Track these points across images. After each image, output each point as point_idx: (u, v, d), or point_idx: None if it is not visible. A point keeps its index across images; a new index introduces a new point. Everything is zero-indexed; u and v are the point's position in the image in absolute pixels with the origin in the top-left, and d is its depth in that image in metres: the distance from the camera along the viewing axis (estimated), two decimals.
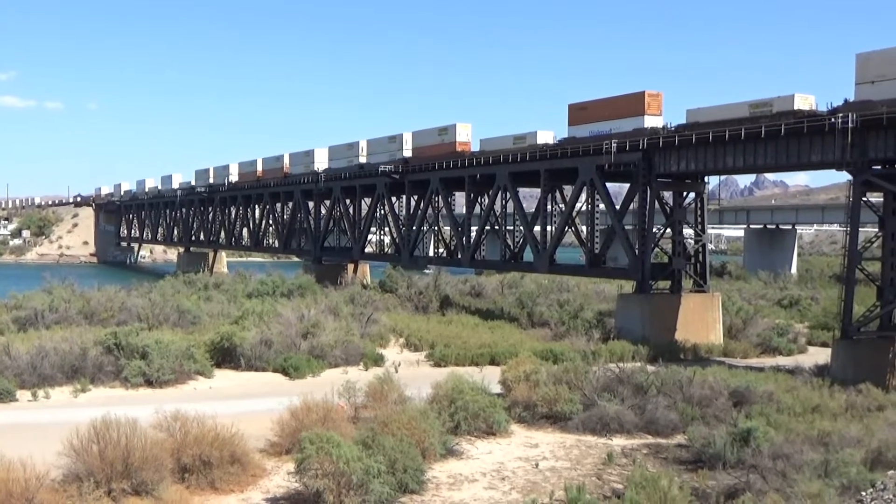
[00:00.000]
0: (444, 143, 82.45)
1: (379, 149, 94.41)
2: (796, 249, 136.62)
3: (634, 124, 61.36)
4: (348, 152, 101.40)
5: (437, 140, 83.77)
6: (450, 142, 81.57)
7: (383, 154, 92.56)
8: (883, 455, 25.96)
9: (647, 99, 61.31)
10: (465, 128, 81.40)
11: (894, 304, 48.48)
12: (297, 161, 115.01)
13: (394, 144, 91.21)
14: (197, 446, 25.66)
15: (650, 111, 61.25)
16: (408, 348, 54.59)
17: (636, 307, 59.94)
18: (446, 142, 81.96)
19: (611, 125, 63.36)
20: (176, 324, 54.28)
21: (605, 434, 33.16)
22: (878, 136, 46.94)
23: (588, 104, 66.84)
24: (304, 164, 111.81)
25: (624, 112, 62.51)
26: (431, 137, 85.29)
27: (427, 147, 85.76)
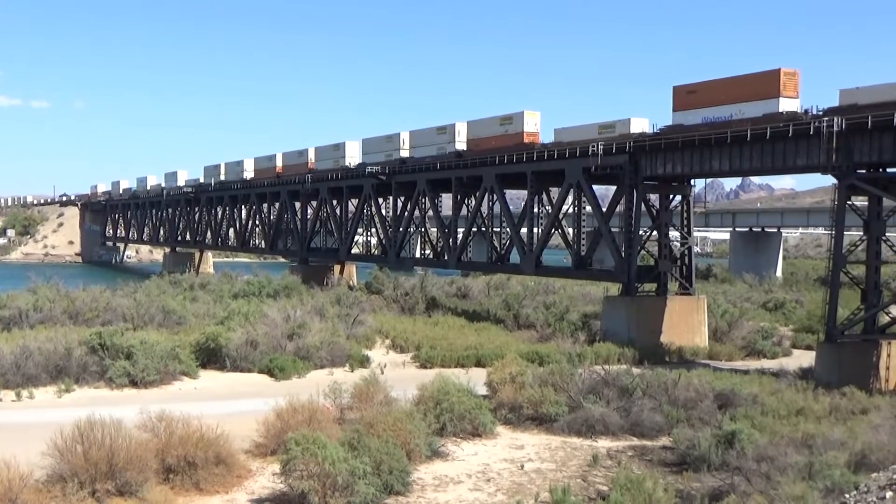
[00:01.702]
0: (507, 135, 73.38)
1: (424, 141, 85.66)
2: (781, 252, 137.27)
3: (765, 108, 52.79)
4: (387, 145, 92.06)
5: (499, 130, 74.59)
6: (515, 132, 72.56)
7: (429, 147, 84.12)
8: (867, 458, 26.06)
9: (782, 78, 52.26)
10: (533, 116, 72.30)
11: (878, 307, 48.79)
12: (325, 155, 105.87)
13: (443, 136, 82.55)
14: (182, 447, 25.59)
15: (786, 93, 52.28)
16: (394, 350, 54.56)
17: (622, 309, 60.07)
18: (510, 132, 73.02)
19: (732, 110, 54.96)
20: (161, 324, 54.11)
21: (591, 436, 33.23)
22: (864, 141, 47.19)
23: (699, 86, 58.25)
24: (334, 159, 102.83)
25: (751, 94, 53.85)
26: (491, 128, 76.11)
27: (486, 139, 76.43)
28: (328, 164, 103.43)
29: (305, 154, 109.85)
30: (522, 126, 71.87)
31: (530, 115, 72.36)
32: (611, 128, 64.03)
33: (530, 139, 71.55)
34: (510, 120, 73.64)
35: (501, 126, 74.42)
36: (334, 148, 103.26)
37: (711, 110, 56.58)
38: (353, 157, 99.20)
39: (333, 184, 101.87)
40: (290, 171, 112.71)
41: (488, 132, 76.12)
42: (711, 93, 56.92)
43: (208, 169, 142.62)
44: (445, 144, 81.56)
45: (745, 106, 54.15)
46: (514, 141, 72.25)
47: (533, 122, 71.92)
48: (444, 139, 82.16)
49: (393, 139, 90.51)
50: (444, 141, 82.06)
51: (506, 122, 74.06)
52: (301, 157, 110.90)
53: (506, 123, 73.97)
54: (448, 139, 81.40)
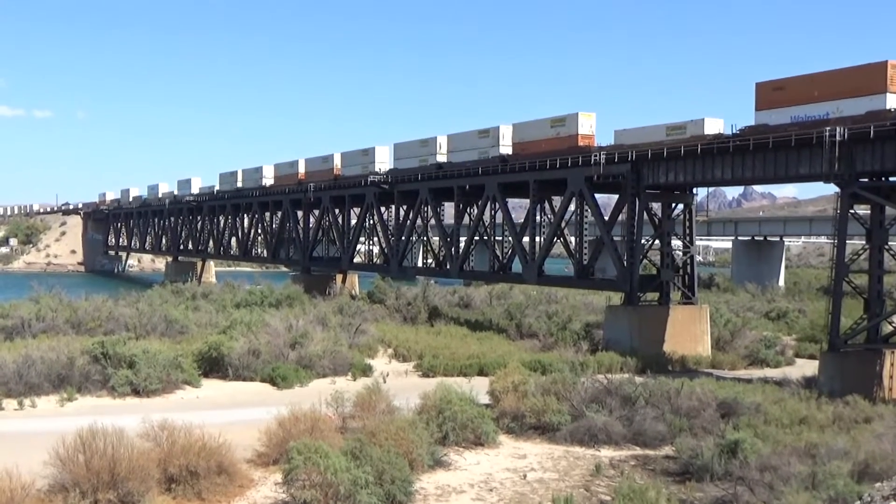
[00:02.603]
0: (558, 137, 67.92)
1: (464, 144, 79.90)
2: (784, 261, 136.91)
3: (870, 105, 47.64)
4: (421, 150, 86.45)
5: (550, 133, 68.93)
6: (568, 135, 67.05)
7: (471, 151, 78.55)
8: (870, 467, 26.02)
9: (889, 72, 47.07)
10: (588, 118, 66.97)
11: (881, 316, 48.72)
12: (353, 161, 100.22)
13: (486, 140, 76.98)
14: (184, 456, 25.56)
15: (894, 88, 47.22)
16: (396, 359, 54.53)
17: (624, 319, 60.01)
18: (562, 135, 67.52)
19: (828, 107, 49.90)
20: (164, 333, 54.15)
21: (593, 445, 33.17)
22: (866, 150, 47.18)
23: (787, 82, 52.65)
24: (362, 165, 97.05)
25: (852, 89, 48.70)
26: (541, 130, 70.35)
27: (534, 142, 70.85)
28: (356, 170, 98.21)
29: (331, 160, 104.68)
30: (577, 128, 66.63)
31: (585, 116, 67.21)
32: (680, 129, 59.11)
33: (585, 142, 66.31)
34: (562, 122, 68.37)
35: (552, 128, 69.08)
36: (363, 153, 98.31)
37: (803, 108, 51.33)
38: (384, 162, 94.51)
39: (335, 192, 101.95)
40: (314, 177, 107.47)
41: (537, 135, 70.78)
42: (803, 89, 51.44)
43: (224, 176, 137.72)
44: (488, 148, 76.37)
45: (844, 103, 49.15)
46: (567, 144, 67.08)
47: (588, 124, 66.79)
48: (486, 143, 76.95)
49: (429, 143, 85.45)
50: (486, 145, 76.86)
51: (557, 124, 68.76)
52: (326, 163, 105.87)
53: (557, 125, 68.70)
54: (491, 143, 76.19)
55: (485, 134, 77.47)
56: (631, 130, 63.61)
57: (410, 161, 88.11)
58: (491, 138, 76.06)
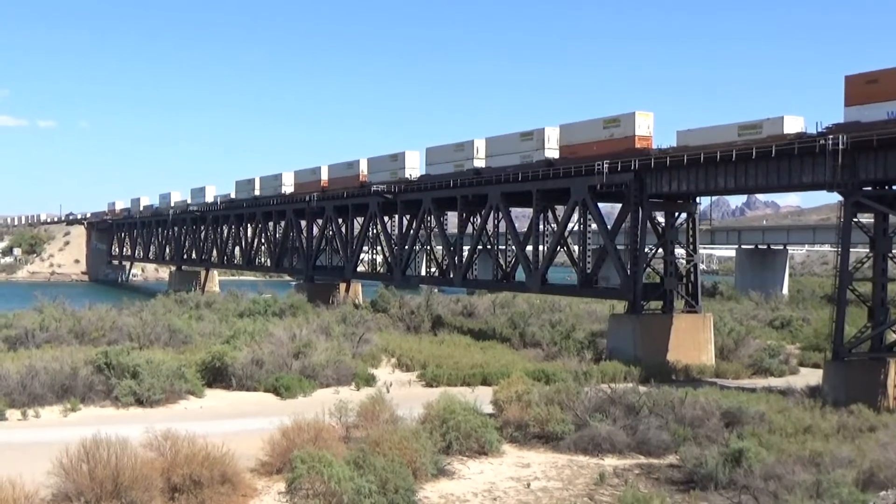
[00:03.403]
0: (612, 139, 63.46)
1: (504, 148, 75.33)
2: (787, 270, 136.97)
3: None
4: (456, 154, 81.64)
5: (602, 135, 64.46)
6: (623, 136, 62.51)
7: (511, 155, 73.80)
8: (875, 476, 25.98)
9: None
10: (645, 118, 62.26)
11: (885, 325, 48.64)
12: (380, 167, 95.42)
13: (529, 142, 72.12)
14: (187, 466, 25.53)
15: None
16: (399, 368, 54.51)
17: (628, 327, 59.95)
18: (617, 136, 63.05)
19: None
20: (167, 343, 54.21)
21: (597, 454, 33.09)
22: (869, 158, 47.15)
23: (882, 74, 47.32)
24: (390, 171, 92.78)
25: None
26: (592, 131, 65.72)
27: (584, 144, 66.09)
28: (383, 176, 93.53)
29: (356, 166, 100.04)
30: (633, 129, 61.93)
31: (643, 116, 62.45)
32: (756, 128, 54.44)
33: (643, 144, 61.75)
34: (617, 122, 63.79)
35: (606, 129, 64.43)
36: (391, 158, 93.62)
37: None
38: (414, 168, 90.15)
39: (339, 202, 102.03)
40: (338, 184, 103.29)
41: (588, 137, 66.04)
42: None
43: (240, 184, 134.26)
44: (532, 152, 71.38)
45: None
46: (623, 146, 62.34)
47: (646, 125, 62.30)
48: (529, 146, 71.87)
49: (465, 147, 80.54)
50: (530, 148, 71.82)
51: (611, 125, 64.14)
52: (350, 170, 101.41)
53: (611, 126, 64.06)
54: (535, 146, 71.15)
55: (528, 136, 72.75)
56: (696, 131, 59.06)
57: (444, 166, 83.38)
58: (535, 141, 71.33)
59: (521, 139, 73.54)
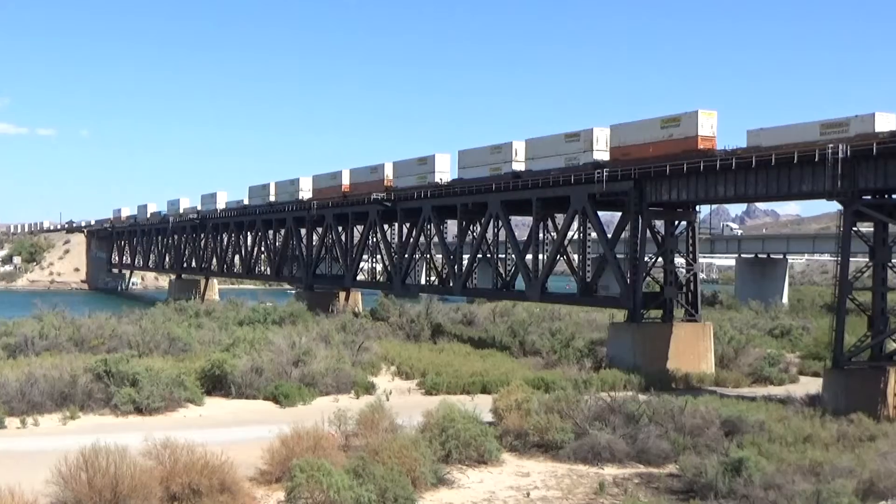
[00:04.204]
0: (672, 140, 59.23)
1: (546, 150, 70.64)
2: (787, 279, 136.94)
3: None
4: (493, 157, 77.16)
5: (660, 135, 60.12)
6: (684, 137, 58.29)
7: (555, 158, 69.01)
8: (875, 485, 25.96)
9: None
10: (709, 117, 58.05)
11: (885, 334, 48.61)
12: (407, 170, 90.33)
13: (575, 144, 67.40)
14: (186, 474, 25.50)
15: None
16: (399, 376, 54.46)
17: (628, 336, 59.92)
18: (677, 137, 58.86)
19: None
20: (167, 351, 54.15)
21: (597, 463, 33.07)
22: (869, 167, 47.22)
23: None
24: (418, 175, 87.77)
25: None
26: (648, 132, 61.32)
27: (640, 146, 61.66)
28: (411, 180, 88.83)
29: (380, 170, 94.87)
30: (696, 128, 57.62)
31: (706, 115, 58.27)
32: (841, 126, 49.81)
33: (706, 145, 57.50)
34: (676, 122, 59.40)
35: (664, 129, 60.14)
36: (419, 162, 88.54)
37: None
38: (444, 172, 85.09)
39: (338, 210, 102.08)
40: (360, 189, 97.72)
41: (643, 137, 61.62)
42: None
43: (254, 189, 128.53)
44: (578, 154, 66.81)
45: None
46: (683, 147, 58.19)
47: (709, 125, 58.04)
48: (575, 147, 67.27)
49: (503, 150, 75.93)
50: (576, 150, 67.20)
51: (670, 125, 59.84)
52: (375, 174, 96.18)
53: (670, 126, 59.77)
54: (582, 147, 66.56)
55: (574, 137, 68.05)
56: (771, 130, 54.25)
57: (479, 170, 78.26)
58: (582, 142, 66.65)
59: (566, 140, 68.83)
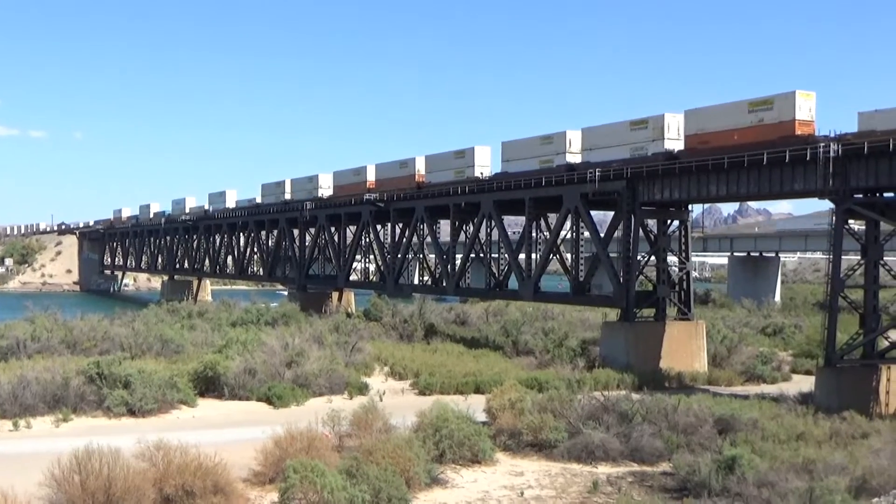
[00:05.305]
0: (762, 125, 52.76)
1: (606, 140, 64.23)
2: (780, 277, 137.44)
3: None
4: (543, 148, 70.58)
5: (747, 120, 53.73)
6: (777, 121, 51.90)
7: (618, 148, 62.69)
8: (867, 483, 26.01)
9: None
10: (807, 98, 51.50)
11: (877, 331, 48.77)
12: (442, 165, 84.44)
13: (642, 132, 61.35)
14: (179, 476, 25.44)
15: None
16: (392, 377, 54.44)
17: (621, 335, 60.01)
18: (768, 122, 52.48)
19: None
20: (159, 353, 54.07)
21: (591, 462, 33.10)
22: (860, 166, 47.38)
23: None
24: (455, 169, 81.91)
25: None
26: (733, 116, 54.90)
27: (722, 133, 55.28)
28: (447, 175, 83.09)
29: (411, 165, 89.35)
30: (793, 112, 51.22)
31: (804, 96, 51.58)
32: None
33: (804, 130, 51.02)
34: (768, 104, 52.95)
35: (752, 114, 53.97)
36: (456, 155, 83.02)
37: None
38: (485, 165, 79.72)
39: (331, 211, 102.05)
40: (388, 185, 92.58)
41: (726, 123, 55.38)
42: None
43: (268, 187, 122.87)
44: (646, 143, 60.75)
45: None
46: (778, 133, 51.84)
47: (807, 107, 51.59)
48: (643, 136, 61.23)
49: (554, 140, 69.48)
50: (643, 139, 61.12)
51: (760, 108, 53.53)
52: (405, 169, 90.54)
53: (760, 109, 53.47)
54: (651, 136, 60.53)
55: (640, 125, 62.06)
56: (888, 112, 47.85)
57: (527, 162, 71.91)
58: (650, 130, 60.76)
59: (630, 128, 62.82)
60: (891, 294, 51.36)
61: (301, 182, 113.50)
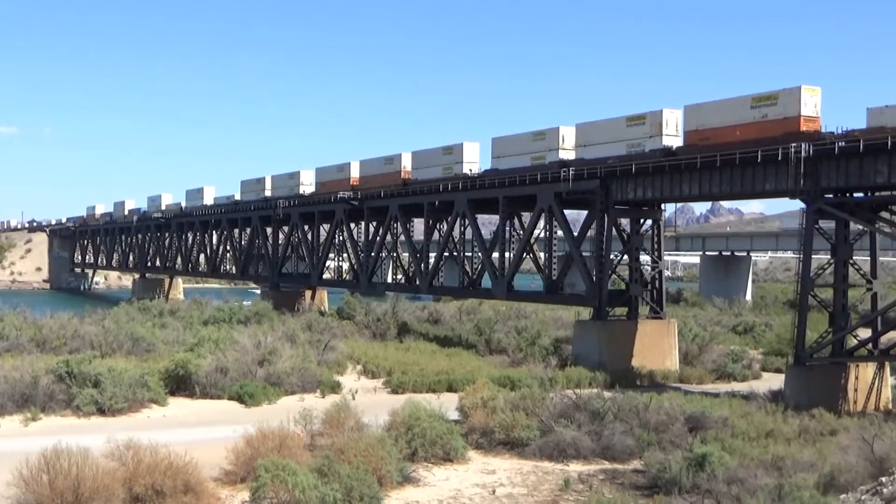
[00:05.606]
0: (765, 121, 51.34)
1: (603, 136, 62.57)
2: (751, 276, 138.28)
3: None
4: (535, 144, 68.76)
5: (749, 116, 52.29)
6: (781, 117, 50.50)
7: (614, 144, 61.21)
8: (836, 479, 26.23)
9: None
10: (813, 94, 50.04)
11: (846, 330, 49.24)
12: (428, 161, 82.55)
13: (639, 128, 59.92)
14: (149, 475, 25.26)
15: None
16: (365, 375, 54.35)
17: (593, 334, 60.21)
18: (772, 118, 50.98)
19: None
20: (130, 351, 53.63)
21: (562, 460, 33.19)
22: (831, 166, 47.81)
23: None
24: (443, 165, 79.72)
25: None
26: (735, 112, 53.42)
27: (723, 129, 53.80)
28: (434, 172, 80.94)
29: (396, 161, 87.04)
30: (798, 107, 49.56)
31: (809, 91, 49.97)
32: None
33: (809, 126, 49.40)
34: (772, 100, 51.37)
35: (755, 109, 52.25)
36: (444, 151, 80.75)
37: None
38: (473, 162, 77.76)
39: (304, 209, 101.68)
40: (372, 182, 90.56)
41: (728, 119, 53.69)
42: None
43: (248, 183, 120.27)
44: (643, 140, 59.27)
45: None
46: (783, 129, 49.98)
47: (812, 103, 49.91)
48: (640, 132, 59.71)
49: (547, 136, 67.64)
50: (641, 135, 59.59)
51: (763, 104, 51.79)
52: (390, 165, 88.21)
53: (764, 105, 51.74)
54: (648, 132, 58.97)
55: (637, 121, 60.41)
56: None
57: (519, 159, 69.97)
58: (648, 126, 59.20)
59: (627, 124, 61.25)
60: (860, 293, 51.81)
61: (282, 178, 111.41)
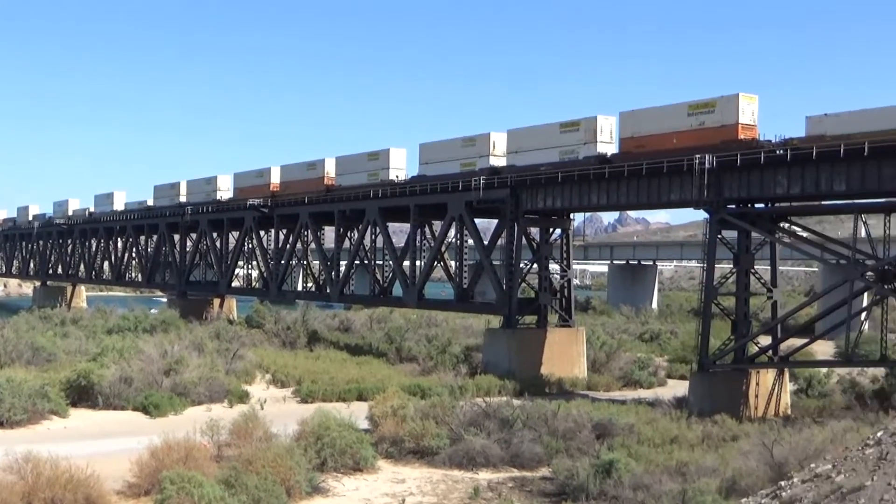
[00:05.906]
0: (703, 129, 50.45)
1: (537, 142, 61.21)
2: (657, 285, 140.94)
3: None
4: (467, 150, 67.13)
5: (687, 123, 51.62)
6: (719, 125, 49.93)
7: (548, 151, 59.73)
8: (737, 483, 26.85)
9: None
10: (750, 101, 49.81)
11: (748, 337, 50.57)
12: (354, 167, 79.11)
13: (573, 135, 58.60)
14: (49, 489, 24.56)
15: None
16: (274, 384, 53.74)
17: (503, 342, 60.62)
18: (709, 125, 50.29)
19: None
20: (30, 361, 51.91)
21: (472, 468, 33.29)
22: (733, 177, 49.06)
23: None
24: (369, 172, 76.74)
25: None
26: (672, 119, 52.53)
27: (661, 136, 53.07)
28: (359, 178, 77.55)
29: (320, 167, 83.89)
30: (736, 115, 48.99)
31: (747, 99, 49.48)
32: None
33: (747, 135, 49.10)
34: (710, 107, 50.43)
35: (693, 117, 51.18)
36: (370, 157, 77.28)
37: None
38: (400, 168, 75.55)
39: (213, 216, 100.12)
40: (294, 188, 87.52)
41: (665, 126, 52.71)
42: None
43: (161, 189, 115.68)
44: (577, 146, 57.93)
45: None
46: (720, 137, 49.47)
47: (750, 111, 49.49)
48: (574, 139, 58.36)
49: (477, 142, 66.36)
50: (574, 141, 58.25)
51: (701, 111, 50.81)
52: (313, 171, 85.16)
53: (701, 112, 50.78)
54: (583, 138, 57.74)
55: (571, 127, 59.00)
56: (840, 116, 45.85)
57: (448, 165, 68.26)
58: (582, 132, 57.91)
59: (561, 131, 59.62)
60: (761, 301, 53.27)
61: (198, 184, 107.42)
